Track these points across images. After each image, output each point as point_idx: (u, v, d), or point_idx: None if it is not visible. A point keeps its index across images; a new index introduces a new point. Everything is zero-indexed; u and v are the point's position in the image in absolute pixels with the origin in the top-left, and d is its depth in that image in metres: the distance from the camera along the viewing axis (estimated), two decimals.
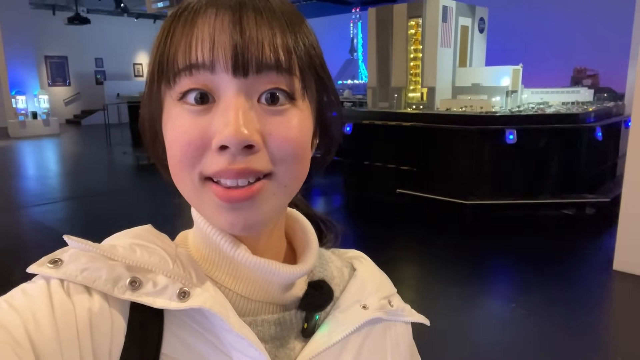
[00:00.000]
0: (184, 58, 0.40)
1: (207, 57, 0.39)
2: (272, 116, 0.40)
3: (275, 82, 0.40)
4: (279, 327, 0.47)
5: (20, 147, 11.42)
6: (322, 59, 0.46)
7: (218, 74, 0.39)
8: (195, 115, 0.40)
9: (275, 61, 0.40)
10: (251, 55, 0.39)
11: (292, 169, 0.42)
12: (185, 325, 0.43)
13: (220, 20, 0.39)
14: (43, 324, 0.37)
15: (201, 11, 0.40)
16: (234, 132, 0.38)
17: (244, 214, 0.41)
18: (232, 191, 0.40)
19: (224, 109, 0.39)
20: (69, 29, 14.64)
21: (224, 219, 0.42)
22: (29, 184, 7.88)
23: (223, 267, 0.47)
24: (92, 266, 0.40)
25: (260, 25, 0.39)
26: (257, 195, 0.41)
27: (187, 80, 0.40)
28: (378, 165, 6.09)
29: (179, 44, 0.40)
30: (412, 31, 6.43)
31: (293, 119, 0.41)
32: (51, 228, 5.08)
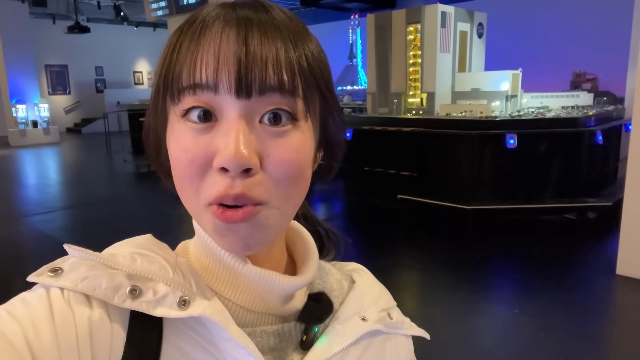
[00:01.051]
0: (188, 77, 0.40)
1: (211, 78, 0.39)
2: (273, 137, 0.40)
3: (278, 103, 0.40)
4: (278, 339, 0.47)
5: (20, 156, 11.43)
6: (328, 77, 0.45)
7: (221, 95, 0.39)
8: (197, 134, 0.40)
9: (278, 83, 0.40)
10: (254, 77, 0.39)
11: (287, 192, 0.42)
12: (184, 335, 0.43)
13: (226, 39, 0.39)
14: (43, 333, 0.37)
15: (207, 27, 0.41)
16: (233, 155, 0.38)
17: (243, 236, 0.41)
18: (230, 211, 0.40)
19: (226, 130, 0.39)
20: (69, 37, 14.71)
21: (224, 240, 0.42)
22: (30, 192, 7.88)
23: (223, 277, 0.47)
24: (92, 275, 0.40)
25: (265, 45, 0.39)
26: (253, 218, 0.41)
27: (191, 99, 0.40)
28: (378, 171, 6.09)
29: (184, 62, 0.40)
30: (411, 37, 6.46)
31: (293, 141, 0.41)
32: (51, 237, 5.08)
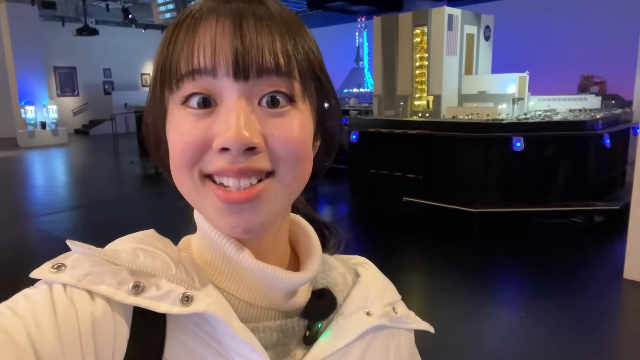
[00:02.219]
0: (186, 64, 0.41)
1: (209, 62, 0.40)
2: (273, 118, 0.41)
3: (276, 85, 0.41)
4: (281, 334, 0.47)
5: (29, 157, 11.53)
6: (321, 63, 0.46)
7: (220, 79, 0.40)
8: (197, 118, 0.41)
9: (275, 65, 0.40)
10: (251, 59, 0.40)
11: (294, 168, 0.42)
12: (188, 330, 0.43)
13: (221, 27, 0.40)
14: (45, 329, 0.37)
15: (202, 18, 0.41)
16: (235, 135, 0.38)
17: (245, 217, 0.41)
18: (233, 193, 0.40)
19: (226, 112, 0.40)
20: (77, 40, 14.82)
21: (225, 221, 0.42)
22: (38, 193, 7.94)
23: (226, 272, 0.47)
24: (95, 271, 0.41)
25: (260, 31, 0.40)
26: (259, 197, 0.41)
27: (190, 85, 0.41)
28: (384, 174, 6.08)
29: (182, 50, 0.41)
30: (418, 39, 6.45)
31: (294, 120, 0.42)
32: (59, 237, 5.11)
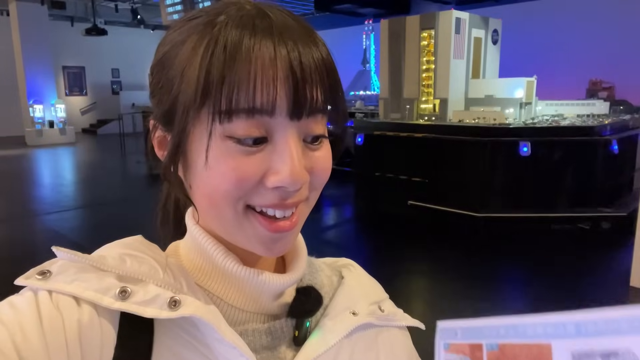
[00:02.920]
0: (246, 99, 0.39)
1: (270, 102, 0.39)
2: (313, 152, 0.44)
3: (319, 121, 0.43)
4: (270, 337, 0.47)
5: (36, 156, 11.61)
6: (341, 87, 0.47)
7: (276, 118, 0.40)
8: (249, 154, 0.41)
9: (323, 106, 0.42)
10: (305, 100, 0.41)
11: (319, 192, 0.46)
12: (176, 336, 0.43)
13: (279, 57, 0.39)
14: (31, 337, 0.37)
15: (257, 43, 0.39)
16: (293, 175, 0.40)
17: (284, 242, 0.45)
18: (279, 222, 0.43)
19: (281, 150, 0.41)
20: (86, 39, 14.94)
21: (266, 247, 0.44)
22: (45, 191, 8.00)
23: (215, 277, 0.47)
24: (81, 277, 0.40)
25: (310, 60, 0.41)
26: (298, 223, 0.45)
27: (245, 123, 0.39)
28: (389, 177, 6.07)
29: (242, 82, 0.39)
30: (425, 42, 6.44)
31: (327, 152, 0.45)
32: (65, 236, 5.14)
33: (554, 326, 0.36)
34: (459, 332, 0.40)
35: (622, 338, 0.33)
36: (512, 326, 0.38)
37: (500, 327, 0.38)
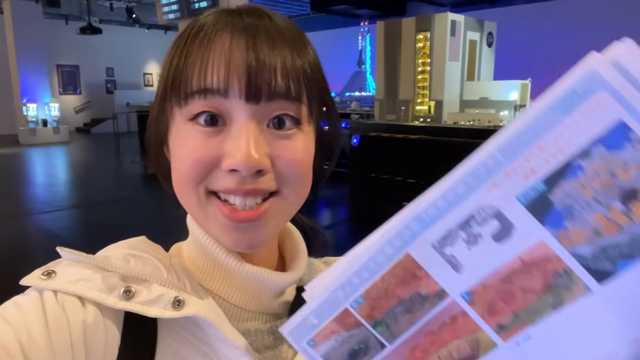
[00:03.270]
0: (198, 81, 0.41)
1: (222, 83, 0.40)
2: (279, 140, 0.42)
3: (284, 108, 0.42)
4: (272, 337, 0.48)
5: (30, 155, 11.54)
6: (326, 84, 0.47)
7: (231, 99, 0.40)
8: (205, 136, 0.41)
9: (285, 89, 0.41)
10: (264, 83, 0.40)
11: (297, 187, 0.44)
12: (179, 336, 0.43)
13: (236, 44, 0.40)
14: (36, 337, 0.37)
15: (217, 34, 0.42)
16: (246, 158, 0.39)
17: (250, 234, 0.43)
18: (240, 212, 0.41)
19: (236, 133, 0.40)
20: (81, 38, 14.85)
21: (229, 237, 0.43)
22: (38, 191, 7.95)
23: (217, 276, 0.47)
24: (86, 277, 0.41)
25: (273, 52, 0.41)
26: (264, 216, 0.42)
27: (200, 103, 0.41)
28: (385, 178, 6.09)
29: (194, 66, 0.41)
30: (421, 45, 6.46)
31: (299, 142, 0.43)
32: (59, 235, 5.11)
33: (399, 236, 0.33)
34: (312, 319, 0.35)
35: (468, 201, 0.31)
36: (361, 267, 0.34)
37: (351, 277, 0.34)
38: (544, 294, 0.31)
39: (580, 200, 0.30)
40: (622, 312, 0.30)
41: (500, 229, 0.31)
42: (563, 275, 0.30)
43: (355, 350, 0.35)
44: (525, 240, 0.31)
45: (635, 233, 0.29)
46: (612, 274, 0.30)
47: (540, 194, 0.30)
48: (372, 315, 0.34)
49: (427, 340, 0.33)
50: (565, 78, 0.30)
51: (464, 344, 0.33)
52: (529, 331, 0.31)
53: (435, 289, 0.33)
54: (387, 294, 0.34)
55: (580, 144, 0.29)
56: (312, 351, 0.36)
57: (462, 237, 0.32)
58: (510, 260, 0.31)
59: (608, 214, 0.29)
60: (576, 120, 0.29)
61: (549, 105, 0.30)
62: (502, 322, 0.32)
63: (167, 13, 8.69)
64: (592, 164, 0.29)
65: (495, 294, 0.32)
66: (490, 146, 0.31)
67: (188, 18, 8.02)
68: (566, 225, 0.30)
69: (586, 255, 0.30)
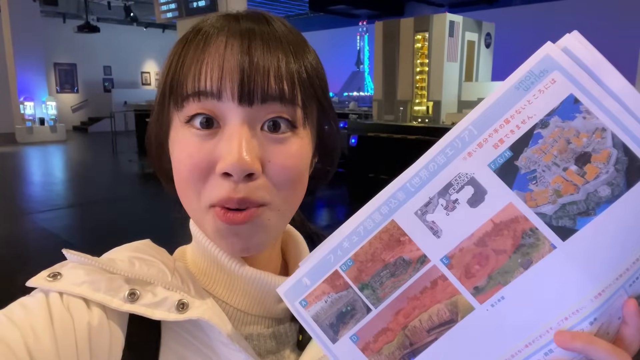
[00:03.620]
0: (193, 84, 0.41)
1: (215, 86, 0.40)
2: (273, 144, 0.42)
3: (279, 111, 0.42)
4: (275, 341, 0.48)
5: (26, 153, 11.50)
6: (325, 87, 0.47)
7: (224, 102, 0.41)
8: (201, 140, 0.41)
9: (279, 92, 0.41)
10: (257, 86, 0.40)
11: (287, 196, 0.44)
12: (182, 339, 0.43)
13: (230, 49, 0.41)
14: (42, 338, 0.37)
15: (212, 38, 0.42)
16: (237, 161, 0.39)
17: (244, 238, 0.43)
18: (233, 213, 0.41)
19: (229, 136, 0.41)
20: (78, 36, 14.83)
21: (225, 241, 0.43)
22: (35, 190, 7.92)
23: (220, 280, 0.47)
24: (91, 279, 0.41)
25: (267, 56, 0.41)
26: (254, 220, 0.42)
27: (195, 105, 0.41)
28: (383, 178, 6.08)
29: (189, 69, 0.42)
30: (419, 45, 6.47)
31: (292, 147, 0.43)
32: (55, 235, 5.10)
33: (386, 204, 0.37)
34: (305, 280, 0.38)
35: (446, 170, 0.35)
36: (352, 233, 0.38)
37: (342, 241, 0.38)
38: (514, 253, 0.34)
39: (541, 164, 0.34)
40: (585, 266, 0.33)
41: (474, 194, 0.35)
42: (530, 235, 0.34)
43: (343, 312, 0.37)
44: (496, 203, 0.34)
45: (589, 191, 0.33)
46: (572, 230, 0.33)
47: (508, 160, 0.34)
48: (359, 278, 0.37)
49: (409, 304, 0.36)
50: (525, 63, 0.35)
51: (444, 308, 0.35)
52: (502, 292, 0.34)
53: (417, 254, 0.36)
54: (374, 257, 0.37)
55: (540, 116, 0.34)
56: (304, 311, 0.38)
57: (441, 203, 0.35)
58: (483, 223, 0.35)
59: (565, 175, 0.33)
60: (535, 96, 0.34)
61: (513, 85, 0.34)
62: (478, 284, 0.35)
63: (165, 12, 8.67)
64: (550, 132, 0.34)
65: (471, 257, 0.35)
66: (465, 121, 0.36)
67: (186, 17, 8.01)
68: (530, 187, 0.34)
69: (549, 213, 0.33)
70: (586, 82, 0.33)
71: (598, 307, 0.33)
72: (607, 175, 0.33)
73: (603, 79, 0.33)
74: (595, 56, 0.33)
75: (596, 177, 0.33)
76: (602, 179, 0.33)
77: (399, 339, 0.36)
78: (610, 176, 0.32)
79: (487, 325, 0.35)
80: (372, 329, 0.37)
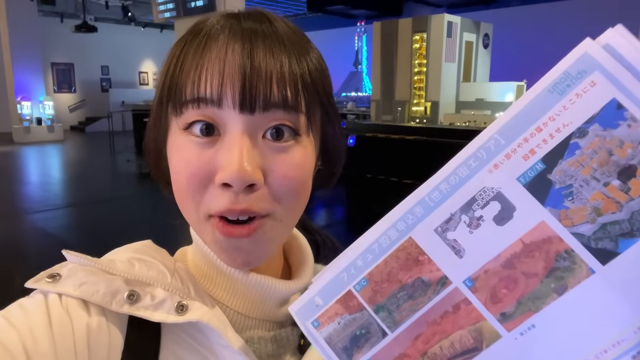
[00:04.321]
0: (192, 90, 0.40)
1: (215, 93, 0.39)
2: (276, 153, 0.41)
3: (281, 119, 0.40)
4: (276, 345, 0.47)
5: (24, 153, 11.47)
6: (329, 90, 0.46)
7: (225, 110, 0.39)
8: (200, 147, 0.40)
9: (282, 99, 0.40)
10: (258, 93, 0.39)
11: (290, 207, 0.42)
12: (182, 341, 0.43)
13: (231, 53, 0.39)
14: (40, 340, 0.37)
15: (212, 39, 0.40)
16: (237, 172, 0.38)
17: (244, 252, 0.42)
18: (233, 227, 0.40)
19: (229, 145, 0.39)
20: (76, 36, 14.78)
21: (225, 254, 0.42)
22: (32, 190, 7.90)
23: (220, 284, 0.47)
24: (90, 280, 0.40)
25: (270, 59, 0.39)
26: (256, 233, 0.41)
27: (194, 112, 0.40)
28: (381, 179, 6.09)
29: (189, 74, 0.40)
30: (417, 45, 6.47)
31: (295, 156, 0.41)
32: (53, 235, 5.08)
33: (403, 220, 0.34)
34: (317, 299, 0.36)
35: (469, 183, 0.32)
36: (366, 250, 0.34)
37: (356, 259, 0.35)
38: (547, 277, 0.30)
39: (578, 178, 0.30)
40: (627, 294, 0.29)
41: (501, 210, 0.31)
42: (565, 257, 0.30)
43: (357, 335, 0.35)
44: (526, 221, 0.31)
45: (634, 210, 0.29)
46: (614, 253, 0.29)
47: (540, 173, 0.30)
48: (374, 299, 0.34)
49: (429, 330, 0.33)
50: (560, 62, 0.30)
51: (467, 335, 0.32)
52: (533, 320, 0.31)
53: (437, 275, 0.33)
54: (390, 277, 0.34)
55: (577, 123, 0.30)
56: (317, 333, 0.36)
57: (464, 220, 0.32)
58: (511, 243, 0.31)
59: (607, 191, 0.29)
60: (572, 101, 0.30)
61: (545, 88, 0.30)
62: (505, 310, 0.31)
63: (163, 12, 8.66)
64: (589, 142, 0.29)
65: (497, 280, 0.31)
66: (491, 129, 0.31)
67: (184, 17, 8.00)
68: (566, 204, 0.30)
69: (587, 234, 0.30)
70: (632, 84, 0.29)
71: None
72: None
73: None
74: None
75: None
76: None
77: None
78: None
79: (515, 356, 0.32)
80: (389, 355, 0.34)
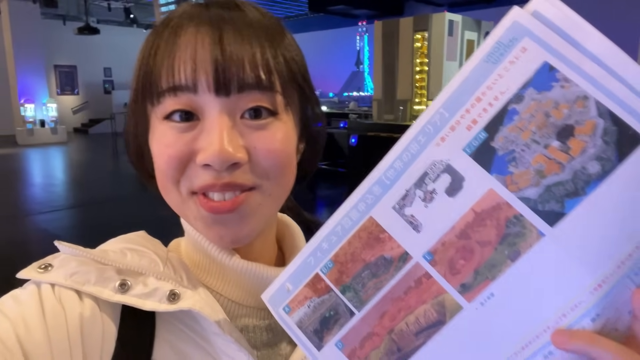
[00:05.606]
0: (167, 79, 0.40)
1: (190, 79, 0.39)
2: (256, 131, 0.41)
3: (257, 99, 0.41)
4: (271, 333, 0.48)
5: (27, 155, 11.50)
6: (304, 71, 0.46)
7: (201, 95, 0.40)
8: (180, 131, 0.41)
9: (256, 80, 0.40)
10: (232, 75, 0.39)
11: (277, 179, 0.43)
12: (176, 330, 0.43)
13: (201, 39, 0.40)
14: (34, 330, 0.37)
15: (182, 29, 0.41)
16: (217, 152, 0.38)
17: (232, 228, 0.42)
18: (217, 202, 0.41)
19: (208, 128, 0.40)
20: (78, 38, 14.82)
21: (212, 232, 0.43)
22: (36, 191, 7.93)
23: (213, 272, 0.47)
24: (82, 270, 0.41)
25: (241, 43, 0.40)
26: (242, 207, 0.41)
27: (171, 101, 0.41)
28: None
29: (162, 65, 0.41)
30: (418, 44, 6.46)
31: (277, 132, 0.42)
32: (56, 236, 5.10)
33: (363, 200, 0.35)
34: (288, 285, 0.36)
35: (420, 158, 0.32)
36: (330, 233, 0.35)
37: (321, 242, 0.35)
38: (500, 244, 0.31)
39: (520, 143, 0.30)
40: (578, 254, 0.29)
41: (452, 182, 0.32)
42: (515, 222, 0.30)
43: (326, 317, 0.35)
44: (475, 190, 0.31)
45: (576, 169, 0.29)
46: (561, 214, 0.29)
47: (483, 142, 0.31)
48: (340, 280, 0.35)
49: (394, 306, 0.33)
50: (492, 32, 0.31)
51: (430, 309, 0.32)
52: (491, 288, 0.31)
53: (398, 252, 0.33)
54: (354, 257, 0.34)
55: (513, 90, 0.30)
56: (288, 318, 0.36)
57: (419, 195, 0.32)
58: (464, 214, 0.31)
59: (548, 153, 0.30)
60: (506, 68, 0.30)
61: (482, 58, 0.31)
62: (464, 281, 0.32)
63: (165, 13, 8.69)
64: (526, 106, 0.30)
65: (454, 251, 0.32)
66: (436, 103, 0.32)
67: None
68: (510, 169, 0.30)
69: (533, 197, 0.30)
70: (561, 46, 0.29)
71: (599, 300, 0.29)
72: (595, 148, 0.28)
73: (581, 41, 0.29)
74: (570, 17, 0.30)
75: (582, 152, 0.29)
76: (589, 154, 0.29)
77: (385, 344, 0.33)
78: (598, 150, 0.28)
79: (478, 326, 0.31)
80: (357, 335, 0.34)
